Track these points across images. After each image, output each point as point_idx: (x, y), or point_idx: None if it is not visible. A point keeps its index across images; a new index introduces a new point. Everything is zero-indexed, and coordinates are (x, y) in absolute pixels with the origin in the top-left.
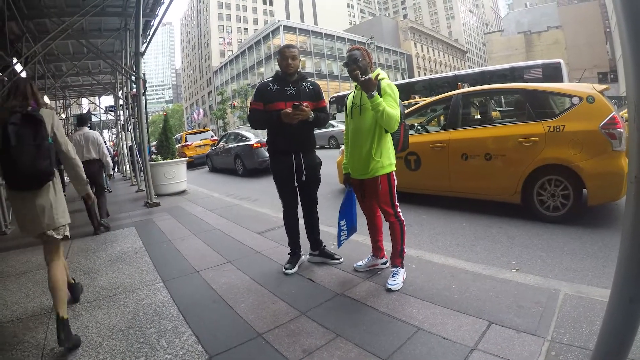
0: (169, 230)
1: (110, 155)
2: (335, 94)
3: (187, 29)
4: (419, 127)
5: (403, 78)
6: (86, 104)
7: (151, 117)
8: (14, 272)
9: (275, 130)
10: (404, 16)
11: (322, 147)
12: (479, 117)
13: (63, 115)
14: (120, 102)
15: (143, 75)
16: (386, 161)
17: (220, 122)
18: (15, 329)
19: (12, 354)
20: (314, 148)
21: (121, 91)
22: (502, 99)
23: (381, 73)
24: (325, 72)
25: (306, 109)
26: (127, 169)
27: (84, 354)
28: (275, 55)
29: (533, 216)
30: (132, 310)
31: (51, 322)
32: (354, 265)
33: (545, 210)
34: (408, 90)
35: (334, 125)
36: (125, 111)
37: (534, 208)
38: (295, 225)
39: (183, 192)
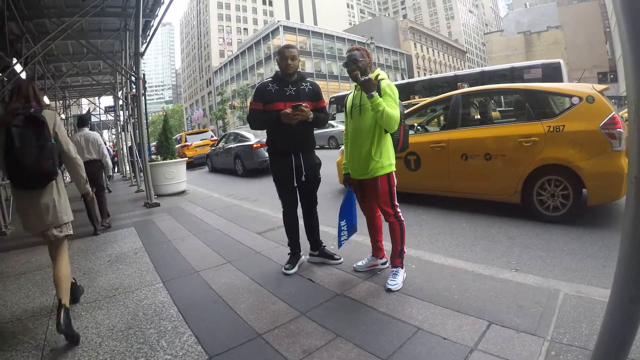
0: (169, 231)
1: (110, 156)
2: (335, 94)
3: (187, 29)
4: (418, 127)
5: (403, 78)
6: (86, 104)
7: (151, 118)
8: (13, 273)
9: (275, 131)
10: (404, 16)
11: (322, 148)
12: (479, 117)
13: (63, 116)
14: (120, 103)
15: (143, 75)
16: (386, 161)
17: (220, 123)
18: (14, 330)
19: (12, 355)
20: (314, 148)
21: (121, 91)
22: (502, 99)
23: (381, 73)
24: (325, 73)
25: (306, 109)
26: (127, 169)
27: (83, 355)
28: (275, 56)
29: (533, 216)
30: (132, 310)
31: (51, 323)
32: (354, 265)
33: (545, 210)
34: (408, 90)
35: (333, 126)
36: (125, 111)
37: (534, 208)
38: (295, 225)
39: (183, 193)
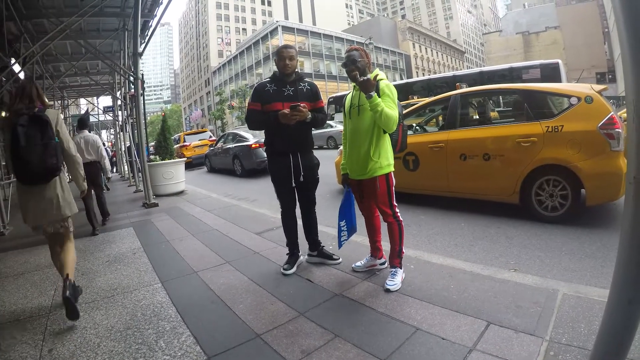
0: (167, 231)
1: (109, 157)
2: (334, 95)
3: (186, 30)
4: (417, 128)
5: (401, 78)
6: (84, 104)
7: (149, 118)
8: (12, 273)
9: (273, 131)
10: (403, 16)
11: (320, 148)
12: (478, 118)
13: (61, 116)
14: (118, 103)
15: (141, 75)
16: (384, 162)
17: (218, 123)
18: (13, 330)
19: (10, 356)
20: (312, 148)
21: (119, 91)
22: (501, 99)
23: (380, 73)
24: (324, 73)
25: (304, 109)
26: (125, 169)
27: (82, 355)
28: (273, 56)
29: (531, 216)
30: (131, 311)
31: (49, 324)
32: (353, 265)
33: (544, 211)
34: (406, 90)
35: (332, 126)
36: (124, 111)
37: (533, 208)
38: (294, 225)
39: (181, 193)
